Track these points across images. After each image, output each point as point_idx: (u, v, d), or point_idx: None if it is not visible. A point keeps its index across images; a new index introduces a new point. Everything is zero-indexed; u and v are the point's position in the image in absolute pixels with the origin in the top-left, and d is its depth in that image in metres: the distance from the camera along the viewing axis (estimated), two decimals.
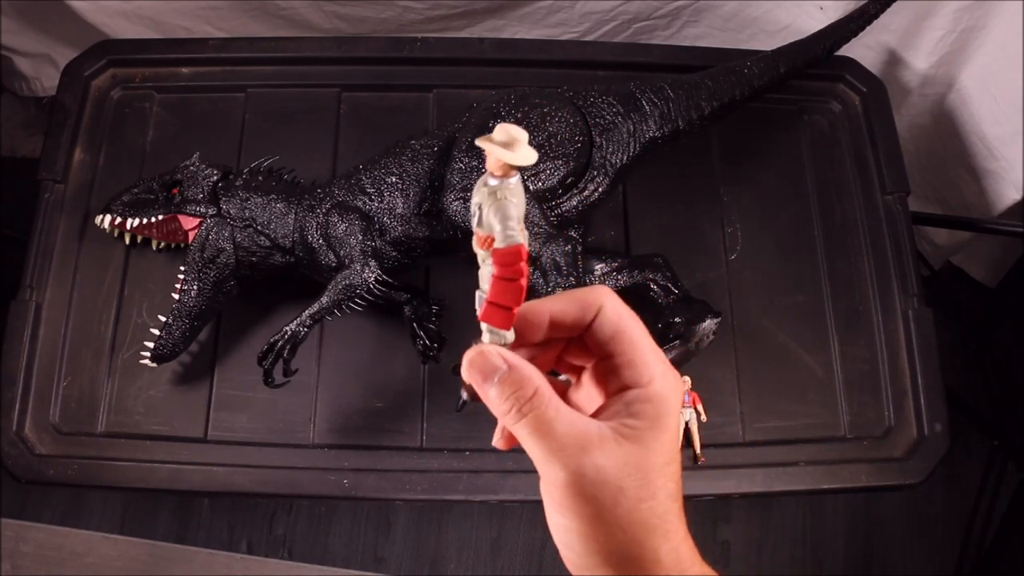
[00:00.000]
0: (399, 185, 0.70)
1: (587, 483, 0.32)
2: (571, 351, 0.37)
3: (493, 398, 0.33)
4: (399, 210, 0.70)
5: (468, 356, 0.33)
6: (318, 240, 0.69)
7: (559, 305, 0.34)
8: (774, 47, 0.81)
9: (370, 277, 0.67)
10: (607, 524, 0.32)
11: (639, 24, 1.08)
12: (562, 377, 0.38)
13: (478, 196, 0.32)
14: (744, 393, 0.76)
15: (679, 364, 0.72)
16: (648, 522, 0.32)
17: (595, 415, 0.35)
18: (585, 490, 0.32)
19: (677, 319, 0.70)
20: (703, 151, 0.84)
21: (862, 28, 0.83)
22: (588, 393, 0.37)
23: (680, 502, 0.34)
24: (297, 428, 0.73)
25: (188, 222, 0.71)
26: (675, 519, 0.33)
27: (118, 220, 0.72)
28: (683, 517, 0.34)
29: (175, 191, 0.72)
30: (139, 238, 0.74)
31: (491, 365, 0.33)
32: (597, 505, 0.32)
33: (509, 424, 0.33)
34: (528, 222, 0.65)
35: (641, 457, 0.32)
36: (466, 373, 0.33)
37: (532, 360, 0.34)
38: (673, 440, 0.34)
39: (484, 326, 0.34)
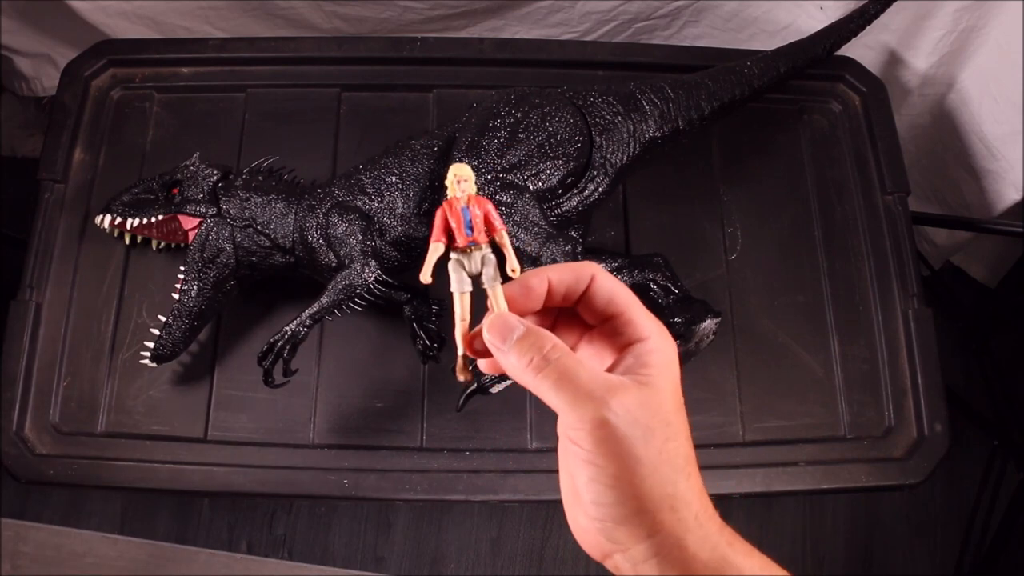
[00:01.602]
0: (399, 185, 0.70)
1: (619, 422, 0.32)
2: (561, 324, 0.39)
3: (513, 355, 0.34)
4: (399, 210, 0.70)
5: (487, 320, 0.35)
6: (318, 240, 0.69)
7: (556, 274, 0.36)
8: (774, 47, 0.81)
9: (370, 277, 0.67)
10: (641, 463, 0.32)
11: (639, 24, 1.08)
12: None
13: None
14: (744, 393, 0.75)
15: (679, 364, 0.72)
16: (675, 462, 0.33)
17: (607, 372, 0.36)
18: (618, 429, 0.32)
19: (677, 319, 0.70)
20: (703, 151, 0.84)
21: (862, 28, 0.83)
22: (589, 358, 0.38)
23: (694, 448, 0.35)
24: (297, 428, 0.73)
25: (188, 222, 0.71)
26: (695, 462, 0.35)
27: (118, 220, 0.72)
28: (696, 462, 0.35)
29: (175, 191, 0.72)
30: (139, 238, 0.74)
31: (509, 325, 0.35)
32: (631, 443, 0.32)
33: (529, 378, 0.34)
34: (528, 222, 0.65)
35: (660, 400, 0.34)
36: (486, 335, 0.35)
37: None
38: (679, 385, 0.35)
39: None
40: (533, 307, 0.36)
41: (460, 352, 0.37)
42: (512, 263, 0.38)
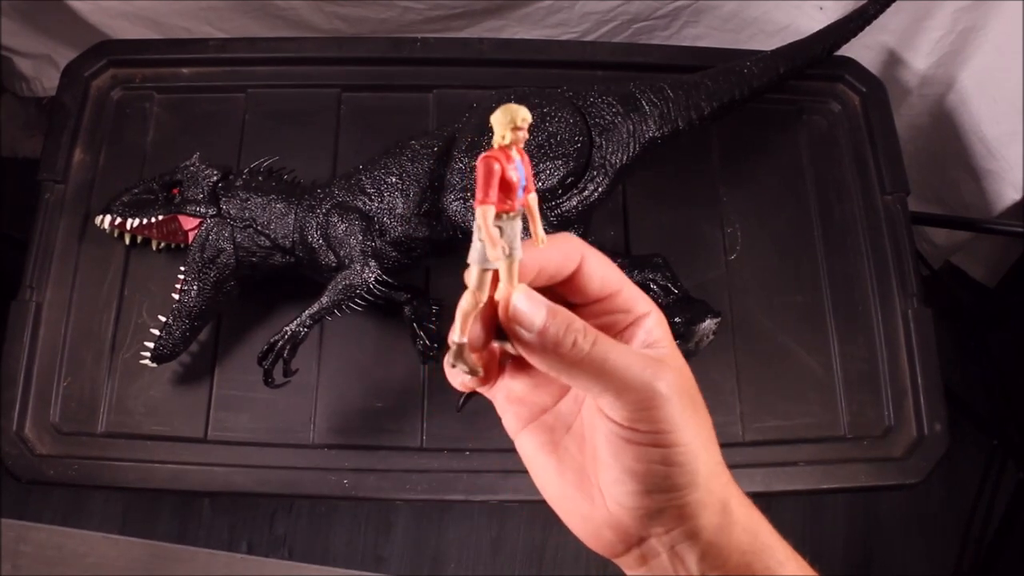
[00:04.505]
0: (399, 185, 0.70)
1: (675, 397, 0.31)
2: None
3: (548, 343, 0.30)
4: (399, 210, 0.70)
5: (508, 309, 0.31)
6: (318, 240, 0.69)
7: (545, 253, 0.32)
8: (773, 47, 0.81)
9: (370, 277, 0.67)
10: (698, 434, 0.31)
11: (638, 24, 1.08)
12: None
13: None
14: (744, 393, 0.76)
15: None
16: (713, 431, 0.33)
17: None
18: (676, 404, 0.31)
19: (677, 319, 0.70)
20: (703, 151, 0.84)
21: (861, 28, 0.83)
22: None
23: None
24: (297, 428, 0.73)
25: (188, 222, 0.72)
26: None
27: (118, 220, 0.72)
28: None
29: (175, 191, 0.72)
30: (139, 238, 0.75)
31: (533, 310, 0.30)
32: (687, 416, 0.31)
33: (566, 368, 0.30)
34: None
35: (686, 370, 0.33)
36: (509, 327, 0.31)
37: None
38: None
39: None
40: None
41: (460, 339, 0.32)
42: (540, 232, 0.32)
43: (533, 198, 0.31)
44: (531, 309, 0.31)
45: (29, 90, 1.20)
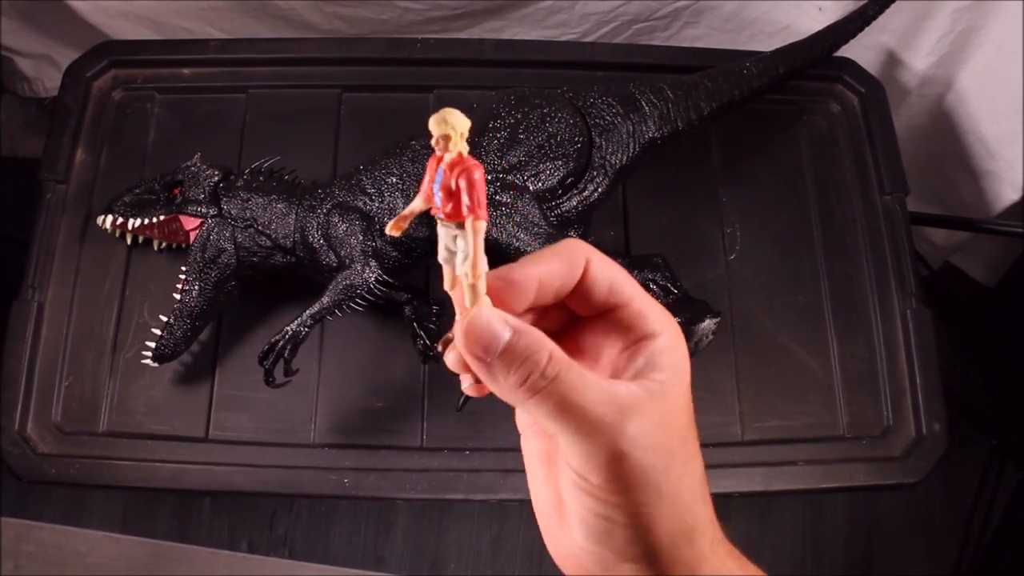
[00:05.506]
0: (399, 185, 0.70)
1: (638, 453, 0.27)
2: (547, 318, 0.32)
3: (499, 372, 0.27)
4: (399, 210, 0.70)
5: (463, 326, 0.28)
6: (319, 240, 0.69)
7: (543, 266, 0.29)
8: (773, 48, 0.81)
9: (370, 277, 0.67)
10: (662, 497, 0.27)
11: (638, 25, 1.08)
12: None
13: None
14: (743, 393, 0.76)
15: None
16: (693, 487, 0.29)
17: (612, 377, 0.30)
18: (638, 462, 0.27)
19: (677, 319, 0.70)
20: (703, 151, 0.84)
21: (861, 29, 0.83)
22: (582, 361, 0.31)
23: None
24: (298, 428, 0.73)
25: (189, 222, 0.72)
26: (706, 481, 0.30)
27: (119, 220, 0.72)
28: None
29: (176, 191, 0.72)
30: (140, 238, 0.75)
31: (492, 332, 0.27)
32: (652, 476, 0.27)
33: (521, 402, 0.27)
34: (528, 222, 0.66)
35: (675, 414, 0.29)
36: (463, 346, 0.28)
37: None
38: (689, 390, 0.30)
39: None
40: (515, 309, 0.29)
41: (458, 317, 0.30)
42: (478, 264, 0.29)
43: (472, 224, 0.29)
44: (481, 337, 0.27)
45: (30, 90, 1.20)
